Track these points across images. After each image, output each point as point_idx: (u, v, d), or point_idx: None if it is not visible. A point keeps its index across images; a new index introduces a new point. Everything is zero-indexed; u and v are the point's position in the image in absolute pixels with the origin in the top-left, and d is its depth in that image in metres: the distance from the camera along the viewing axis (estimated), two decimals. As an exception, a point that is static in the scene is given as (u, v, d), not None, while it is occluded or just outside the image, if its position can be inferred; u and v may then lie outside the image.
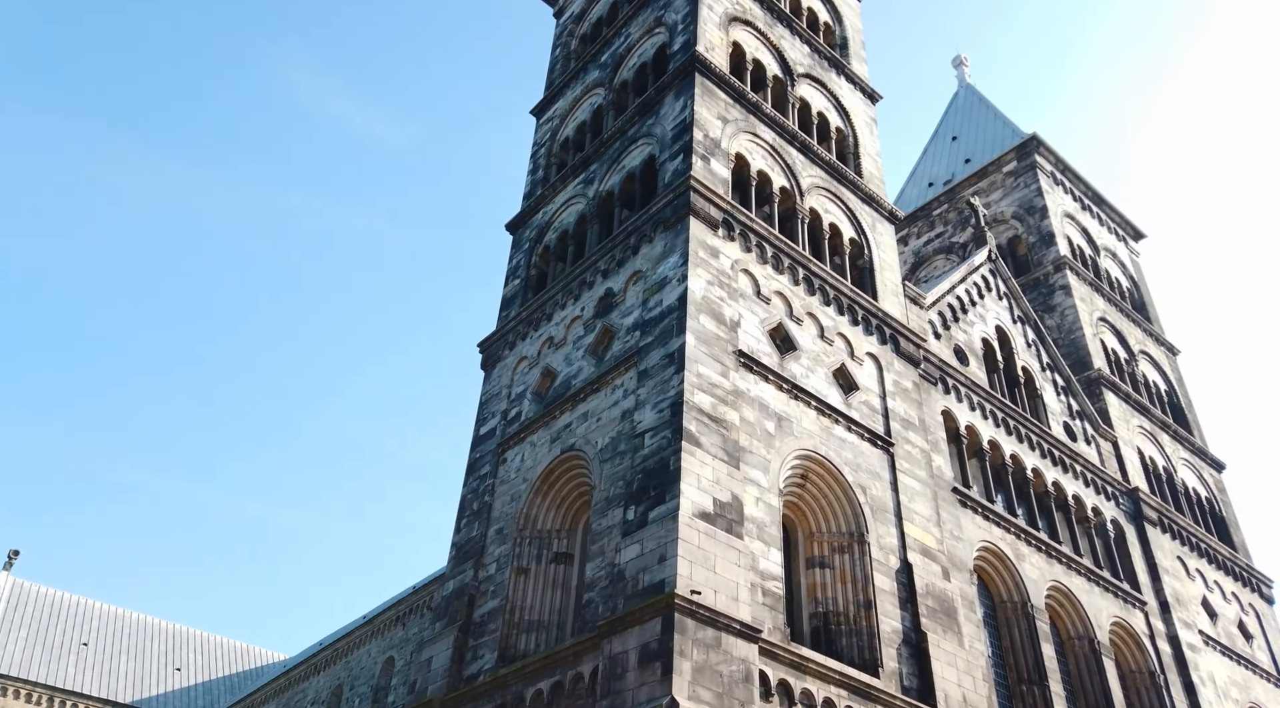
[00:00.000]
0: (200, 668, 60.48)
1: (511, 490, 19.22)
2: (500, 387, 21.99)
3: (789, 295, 19.83)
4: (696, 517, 14.33)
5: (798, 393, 18.28)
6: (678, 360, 16.43)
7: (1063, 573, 22.57)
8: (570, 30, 30.97)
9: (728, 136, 21.36)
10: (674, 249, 18.47)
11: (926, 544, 18.65)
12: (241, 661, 63.24)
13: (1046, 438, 25.21)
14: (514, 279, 24.51)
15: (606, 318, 19.54)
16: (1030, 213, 36.10)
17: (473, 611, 17.80)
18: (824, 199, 23.32)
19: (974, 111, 45.47)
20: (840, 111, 26.44)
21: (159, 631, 60.04)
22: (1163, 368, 35.02)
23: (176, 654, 59.45)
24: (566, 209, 24.23)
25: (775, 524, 16.02)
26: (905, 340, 22.02)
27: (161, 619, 61.15)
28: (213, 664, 61.53)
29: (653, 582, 13.55)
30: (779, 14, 26.35)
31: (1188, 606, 25.82)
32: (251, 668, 62.62)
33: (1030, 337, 28.30)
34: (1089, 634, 22.08)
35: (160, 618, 61.24)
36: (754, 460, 16.42)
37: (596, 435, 17.57)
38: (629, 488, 15.61)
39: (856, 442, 18.96)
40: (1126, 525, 26.09)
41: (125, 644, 56.33)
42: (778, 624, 14.74)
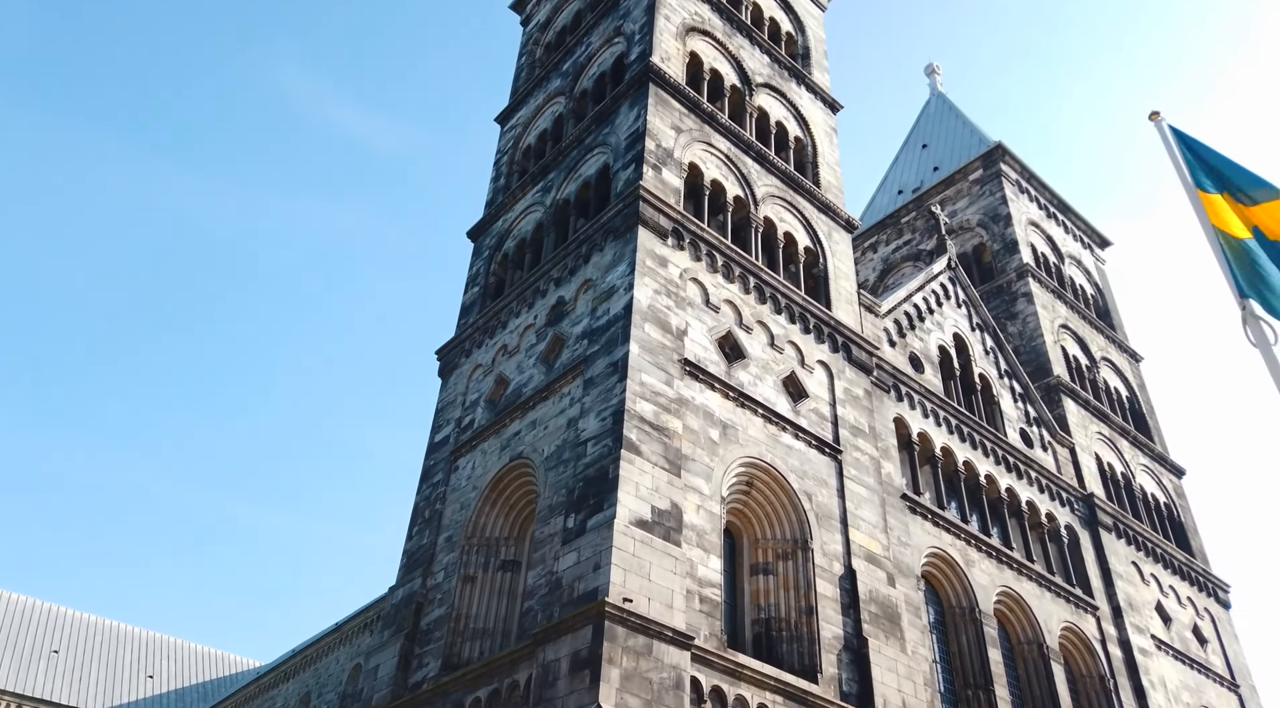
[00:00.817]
0: (173, 675, 60.09)
1: (462, 498, 19.31)
2: (456, 394, 22.08)
3: (739, 304, 20.02)
4: (633, 525, 14.46)
5: (744, 401, 18.46)
6: (621, 369, 16.58)
7: (1013, 579, 22.82)
8: (536, 38, 31.14)
9: (681, 146, 21.56)
10: (622, 258, 18.63)
11: (872, 551, 18.85)
12: (216, 668, 62.87)
13: (1001, 444, 25.49)
14: (473, 286, 24.62)
15: (558, 326, 19.68)
16: (995, 220, 36.48)
17: (420, 619, 17.87)
18: (779, 208, 23.54)
19: (944, 120, 45.90)
20: (799, 121, 26.69)
21: (131, 638, 59.62)
22: (1125, 374, 35.42)
23: (149, 662, 59.05)
24: (525, 217, 24.36)
25: (716, 531, 16.18)
26: (857, 348, 22.24)
27: (134, 626, 60.73)
28: (186, 671, 61.16)
29: (587, 590, 13.67)
30: (738, 24, 26.59)
31: (1141, 610, 26.13)
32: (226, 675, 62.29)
33: (989, 344, 28.61)
34: (1038, 639, 22.34)
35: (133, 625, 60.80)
36: (696, 468, 16.58)
37: (543, 443, 17.70)
38: (570, 496, 15.74)
39: (804, 449, 19.15)
40: (1081, 531, 26.38)
41: (97, 652, 55.92)
42: (714, 631, 14.89)
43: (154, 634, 61.02)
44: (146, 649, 59.33)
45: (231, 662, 63.70)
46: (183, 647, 62.20)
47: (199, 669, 61.48)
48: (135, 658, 57.79)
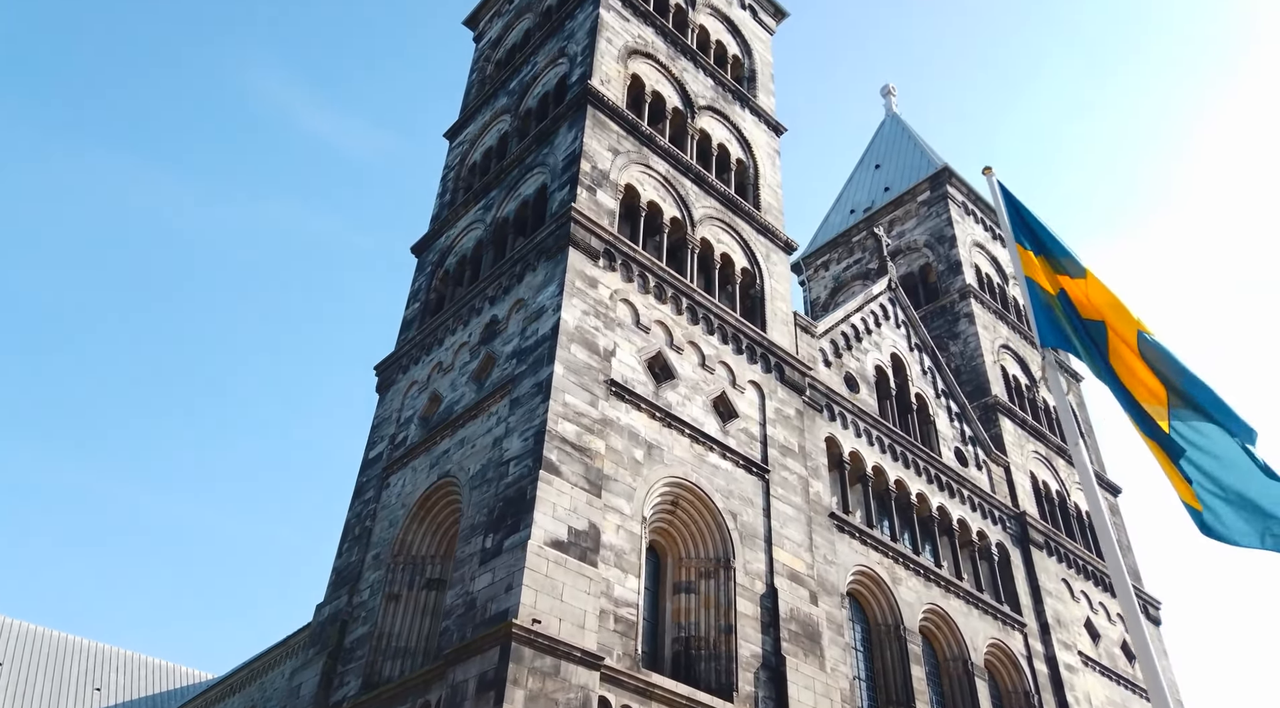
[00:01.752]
0: (121, 688, 59.10)
1: (391, 516, 19.39)
2: (391, 410, 22.16)
3: (670, 324, 20.33)
4: (548, 545, 14.66)
5: (671, 421, 18.75)
6: (545, 390, 16.80)
7: (940, 596, 23.29)
8: (487, 55, 31.39)
9: (618, 168, 21.87)
10: (553, 279, 18.88)
11: (795, 569, 19.19)
12: (166, 680, 61.90)
13: (934, 463, 26.02)
14: (414, 302, 24.73)
15: (490, 344, 19.87)
16: (940, 241, 37.23)
17: (344, 637, 17.91)
18: (718, 229, 23.93)
19: (897, 141, 46.76)
20: (742, 143, 27.14)
21: (78, 649, 58.55)
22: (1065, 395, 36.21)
23: (97, 674, 58.01)
24: (467, 234, 24.54)
25: (636, 551, 16.42)
26: (790, 368, 22.64)
27: (81, 637, 59.67)
28: (135, 684, 60.16)
29: (498, 611, 13.85)
30: (682, 47, 27.01)
31: (1069, 627, 26.73)
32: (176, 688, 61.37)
33: (926, 364, 29.20)
34: (964, 656, 22.81)
35: (80, 636, 59.73)
36: (618, 488, 16.82)
37: (470, 462, 17.85)
38: (490, 516, 15.91)
39: (730, 469, 19.47)
40: (1012, 549, 26.96)
41: (42, 664, 54.87)
42: (628, 650, 15.10)
43: (102, 646, 59.97)
44: (94, 661, 58.28)
45: (182, 674, 62.74)
46: (131, 659, 61.17)
47: (148, 682, 60.52)
48: (82, 670, 56.77)
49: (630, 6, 26.00)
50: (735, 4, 31.14)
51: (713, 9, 30.01)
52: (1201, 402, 6.92)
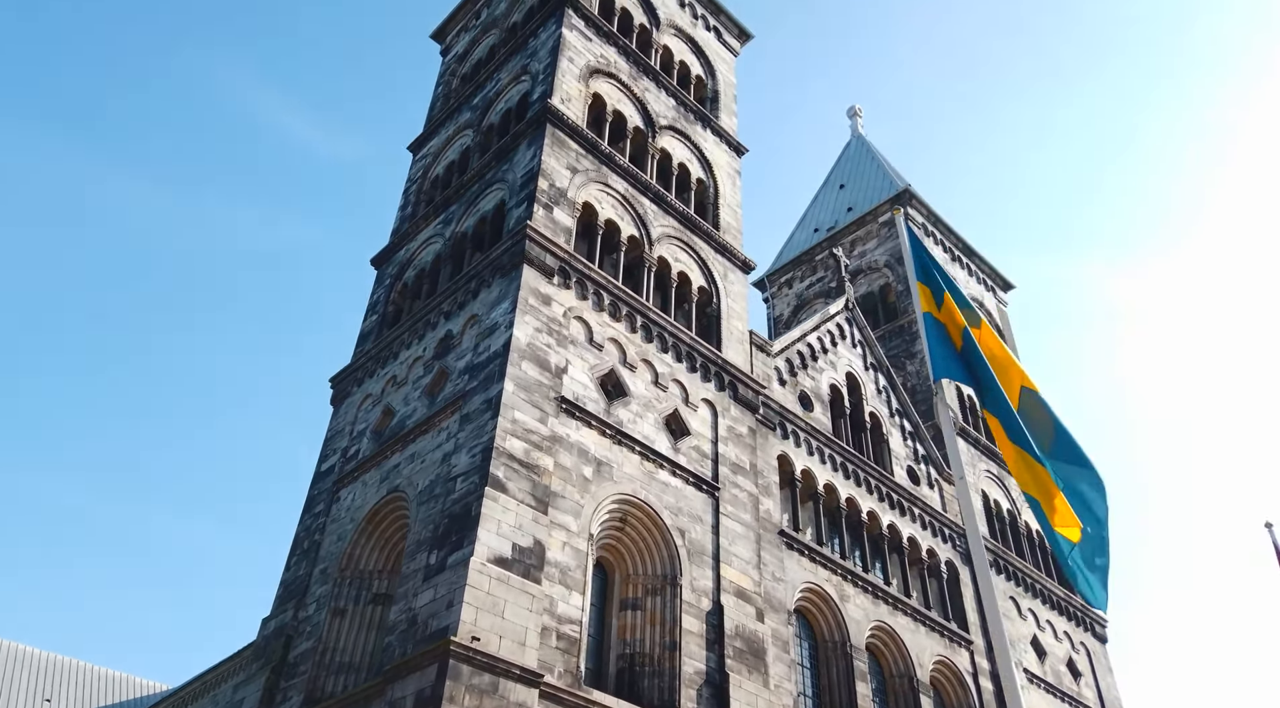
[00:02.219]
0: (72, 699, 57.89)
1: (340, 530, 19.38)
2: (345, 423, 22.14)
3: (624, 342, 20.55)
4: (491, 562, 14.77)
5: (622, 438, 18.94)
6: (494, 406, 16.93)
7: (888, 613, 23.64)
8: (453, 69, 31.54)
9: (576, 186, 22.11)
10: (506, 295, 19.04)
11: (742, 586, 19.42)
12: (118, 691, 60.73)
13: (886, 482, 26.43)
14: (372, 314, 24.74)
15: (444, 359, 19.96)
16: (900, 262, 37.82)
17: (288, 651, 17.85)
18: (675, 248, 24.23)
19: (862, 161, 47.49)
20: (703, 163, 27.52)
21: (27, 659, 57.27)
22: (1018, 414, 36.90)
23: (46, 685, 56.78)
24: (426, 247, 24.63)
25: (581, 568, 16.56)
26: (744, 387, 22.95)
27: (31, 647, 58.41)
28: (87, 696, 58.96)
29: (439, 628, 13.92)
30: (645, 68, 27.36)
31: (1015, 644, 27.21)
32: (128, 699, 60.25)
33: (881, 383, 29.67)
34: (910, 673, 23.15)
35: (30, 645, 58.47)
36: (566, 505, 16.97)
37: (419, 477, 17.91)
38: (436, 532, 15.98)
39: (680, 486, 19.69)
40: (961, 567, 27.42)
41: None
42: (569, 668, 15.23)
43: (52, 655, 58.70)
44: (44, 672, 57.02)
45: (136, 685, 61.55)
46: (84, 669, 59.92)
47: (100, 693, 59.32)
48: (31, 681, 55.53)
49: (593, 27, 26.32)
50: (700, 25, 31.61)
51: (677, 30, 30.43)
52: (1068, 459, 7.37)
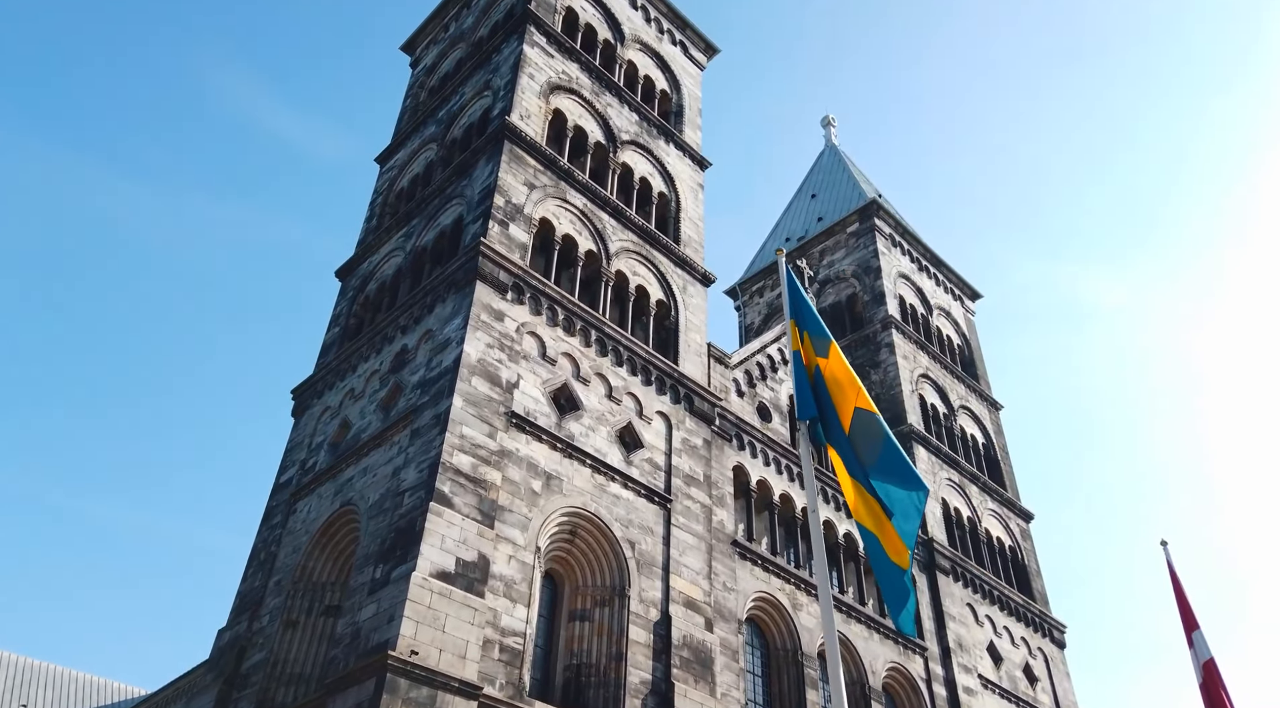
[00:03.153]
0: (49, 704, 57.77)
1: (295, 542, 19.67)
2: (304, 435, 22.42)
3: (578, 357, 20.92)
4: (433, 577, 15.11)
5: (572, 452, 19.31)
6: (442, 422, 17.27)
7: (842, 621, 24.08)
8: (421, 82, 31.85)
9: (533, 202, 22.47)
10: (459, 311, 19.38)
11: (692, 597, 19.81)
12: (97, 696, 60.62)
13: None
14: (334, 327, 25.02)
15: (399, 374, 20.28)
16: (866, 272, 38.37)
17: (241, 663, 18.13)
18: (634, 262, 24.62)
19: (834, 171, 48.04)
20: (665, 177, 27.93)
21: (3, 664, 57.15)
22: (983, 422, 37.48)
23: (23, 690, 56.66)
24: (388, 261, 24.94)
25: (527, 581, 16.92)
26: (700, 399, 23.34)
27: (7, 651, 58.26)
28: (63, 700, 58.83)
29: (379, 641, 14.25)
30: (608, 83, 27.75)
31: (971, 651, 27.71)
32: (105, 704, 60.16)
33: (843, 393, 30.10)
34: (862, 679, 23.59)
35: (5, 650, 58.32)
36: (513, 519, 17.32)
37: (370, 491, 18.23)
38: (382, 546, 16.31)
39: (632, 498, 20.07)
40: (919, 575, 27.90)
41: (-37, 680, 53.48)
42: (511, 679, 15.58)
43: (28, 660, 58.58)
44: (20, 677, 56.89)
45: (114, 690, 61.47)
46: (61, 674, 59.80)
47: (76, 698, 59.20)
48: (8, 687, 55.41)
49: (555, 43, 26.70)
50: (665, 40, 32.03)
51: (642, 45, 30.84)
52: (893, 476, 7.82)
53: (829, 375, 8.60)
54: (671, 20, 32.67)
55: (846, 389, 8.42)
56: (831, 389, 8.50)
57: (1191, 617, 11.76)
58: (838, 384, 8.50)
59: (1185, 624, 11.75)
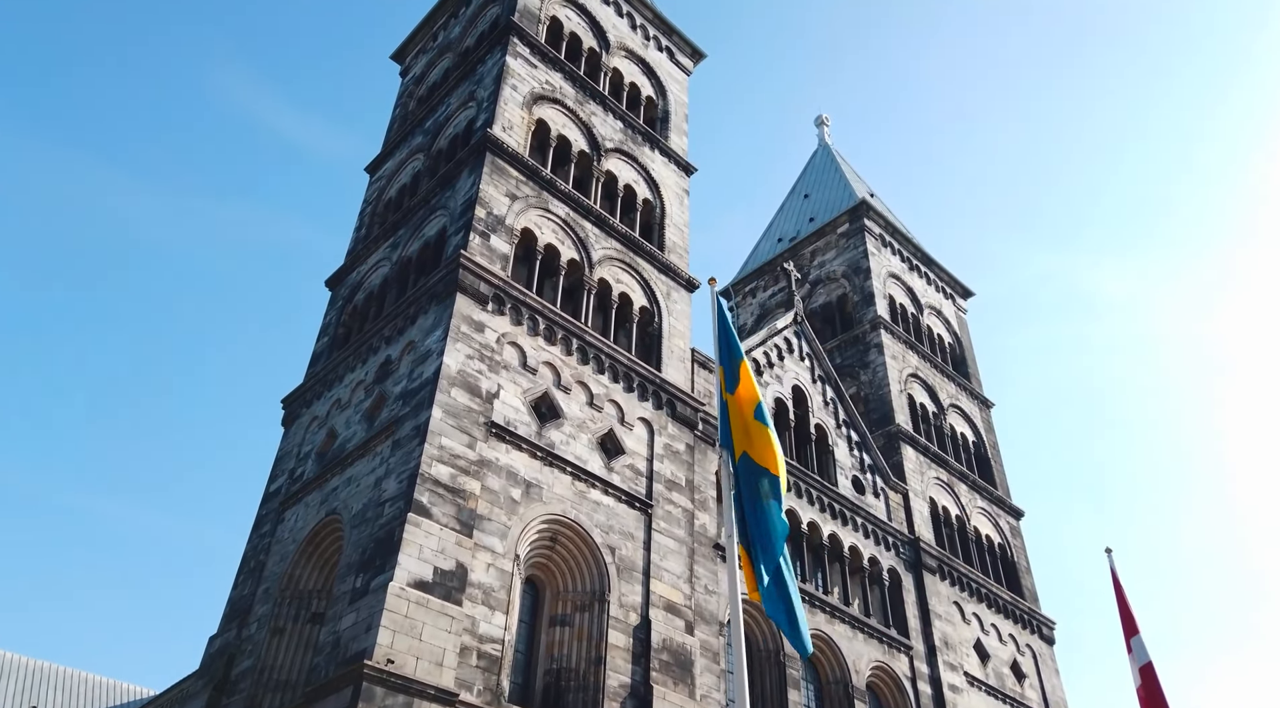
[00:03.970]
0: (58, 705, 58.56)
1: (283, 550, 20.11)
2: (293, 444, 22.86)
3: (559, 365, 21.29)
4: (410, 586, 15.52)
5: (553, 460, 19.68)
6: (422, 433, 17.67)
7: (825, 621, 24.43)
8: (411, 91, 32.21)
9: (515, 213, 22.82)
10: (440, 323, 19.76)
11: (672, 600, 20.19)
12: (106, 697, 61.36)
13: (829, 493, 27.20)
14: (324, 336, 25.44)
15: (383, 384, 20.68)
16: (856, 273, 38.63)
17: (230, 669, 18.59)
18: (618, 269, 24.96)
19: (826, 171, 48.24)
20: (650, 183, 28.24)
21: (13, 666, 57.84)
22: (973, 420, 37.72)
23: (33, 692, 57.39)
24: (376, 271, 25.34)
25: (506, 588, 17.31)
26: (683, 404, 23.69)
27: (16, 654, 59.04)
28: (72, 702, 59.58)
29: (357, 650, 14.67)
30: (592, 92, 28.06)
31: (957, 648, 28.02)
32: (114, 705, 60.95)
33: (829, 395, 30.44)
34: (845, 679, 23.95)
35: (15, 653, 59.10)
36: (492, 528, 17.71)
37: (354, 501, 18.65)
38: (363, 556, 16.72)
39: (612, 505, 20.44)
40: (905, 574, 28.22)
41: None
42: (489, 685, 15.99)
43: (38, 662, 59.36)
44: (30, 679, 57.61)
45: (123, 690, 62.20)
46: (70, 675, 60.50)
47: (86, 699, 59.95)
48: (18, 689, 56.13)
49: (539, 53, 27.02)
50: (651, 47, 32.30)
51: (628, 52, 31.13)
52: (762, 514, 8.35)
53: (736, 406, 9.05)
54: (657, 26, 32.94)
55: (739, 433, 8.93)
56: (733, 421, 8.98)
57: (1132, 622, 12.07)
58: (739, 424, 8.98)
59: (1125, 630, 12.06)
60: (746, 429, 8.93)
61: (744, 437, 8.89)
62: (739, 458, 8.82)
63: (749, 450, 8.77)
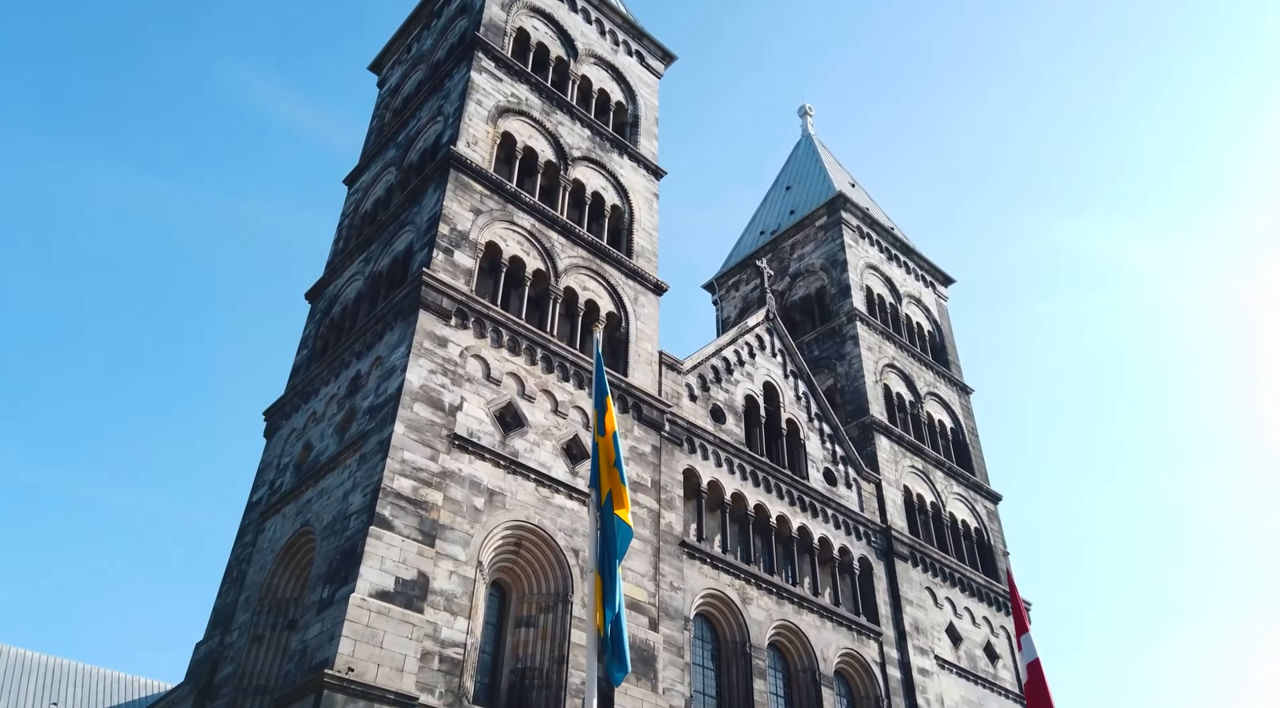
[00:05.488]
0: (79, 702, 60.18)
1: (262, 560, 21.10)
2: (274, 456, 23.81)
3: (524, 375, 22.10)
4: (372, 597, 16.43)
5: (516, 468, 20.54)
6: (385, 448, 18.54)
7: (793, 612, 25.29)
8: (387, 103, 32.88)
9: (479, 227, 23.56)
10: (404, 339, 20.59)
11: (636, 599, 21.07)
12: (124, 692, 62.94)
13: (799, 486, 27.99)
14: (303, 349, 26.32)
15: (354, 398, 21.55)
16: (834, 265, 39.18)
17: (214, 675, 19.63)
18: (585, 277, 25.70)
19: (809, 163, 48.61)
20: (618, 189, 28.88)
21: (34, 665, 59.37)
22: (952, 407, 38.35)
23: (53, 689, 58.94)
24: (350, 284, 26.16)
25: (468, 594, 18.22)
26: (649, 407, 24.48)
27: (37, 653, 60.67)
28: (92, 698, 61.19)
29: (321, 659, 15.62)
30: (559, 102, 28.65)
31: (928, 633, 28.85)
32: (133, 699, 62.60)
33: (801, 389, 31.16)
34: (812, 666, 24.84)
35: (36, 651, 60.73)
36: (454, 536, 18.61)
37: (325, 513, 19.57)
38: (330, 567, 17.66)
39: (576, 508, 21.29)
40: (876, 562, 29.03)
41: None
42: (451, 687, 16.93)
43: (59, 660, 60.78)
44: (50, 677, 59.12)
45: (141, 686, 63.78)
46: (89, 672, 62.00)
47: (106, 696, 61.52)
48: (39, 687, 57.67)
49: (505, 67, 27.62)
50: (621, 51, 32.82)
51: (597, 58, 31.67)
52: None
53: (601, 452, 9.84)
54: (627, 31, 33.43)
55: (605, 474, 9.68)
56: (601, 463, 9.75)
57: (1023, 622, 12.80)
58: (605, 465, 9.73)
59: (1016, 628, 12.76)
60: (611, 472, 9.70)
61: (607, 478, 9.66)
62: (604, 498, 9.58)
63: (613, 492, 9.53)
